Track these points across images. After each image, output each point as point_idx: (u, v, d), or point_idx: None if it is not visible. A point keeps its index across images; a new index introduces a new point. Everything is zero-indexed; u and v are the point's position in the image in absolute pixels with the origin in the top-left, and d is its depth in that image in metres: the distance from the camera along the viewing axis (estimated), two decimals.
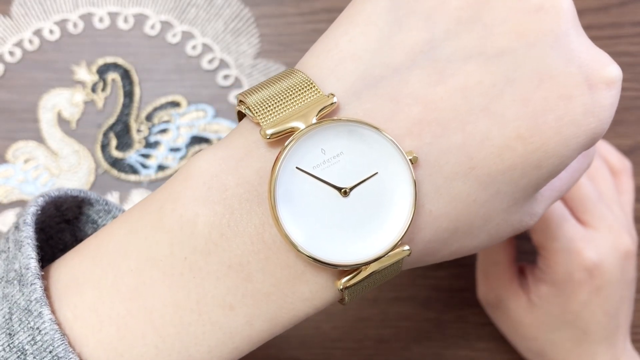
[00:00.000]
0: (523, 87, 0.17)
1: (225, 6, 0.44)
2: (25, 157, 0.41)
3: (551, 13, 0.18)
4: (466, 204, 0.18)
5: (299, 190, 0.17)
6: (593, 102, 0.18)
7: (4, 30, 0.43)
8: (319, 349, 0.40)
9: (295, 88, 0.17)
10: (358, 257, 0.17)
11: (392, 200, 0.17)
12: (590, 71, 0.18)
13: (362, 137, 0.17)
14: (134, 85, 0.42)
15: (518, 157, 0.17)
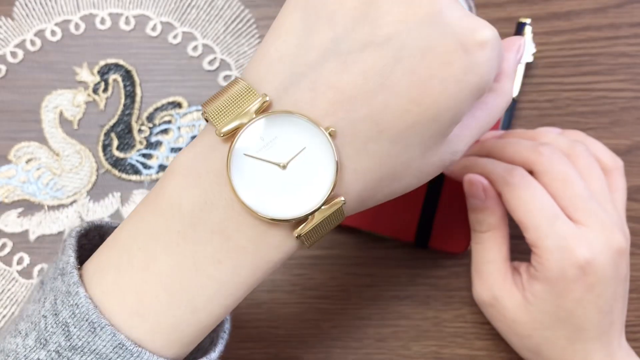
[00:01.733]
0: (410, 62, 0.22)
1: (225, 7, 0.44)
2: (27, 157, 0.42)
3: (422, 2, 0.22)
4: (383, 159, 0.23)
5: (250, 170, 0.22)
6: (470, 63, 0.22)
7: (6, 31, 0.43)
8: (318, 347, 0.40)
9: (238, 94, 0.22)
10: (301, 211, 0.22)
11: (321, 166, 0.22)
12: (463, 38, 0.22)
13: (291, 123, 0.22)
14: (136, 85, 0.43)
15: (415, 116, 0.22)
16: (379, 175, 0.23)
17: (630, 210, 0.42)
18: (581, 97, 0.43)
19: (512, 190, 0.32)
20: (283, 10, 0.24)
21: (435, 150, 0.24)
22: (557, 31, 0.44)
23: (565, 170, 0.32)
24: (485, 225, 0.34)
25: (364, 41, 0.22)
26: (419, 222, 0.39)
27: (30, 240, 0.41)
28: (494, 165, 0.33)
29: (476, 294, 0.35)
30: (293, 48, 0.23)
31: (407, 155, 0.23)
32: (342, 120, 0.22)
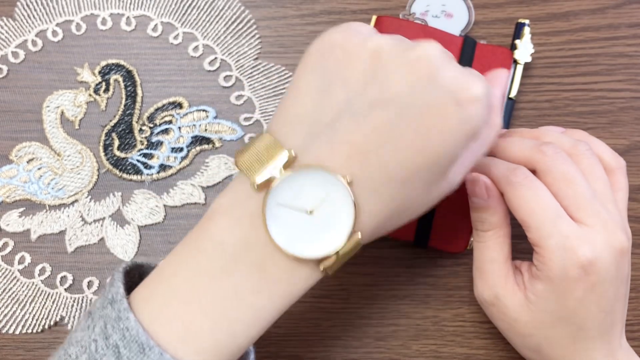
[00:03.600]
0: (412, 118, 0.25)
1: (226, 8, 0.44)
2: (28, 157, 0.42)
3: (424, 60, 0.26)
4: (393, 200, 0.26)
5: (281, 216, 0.25)
6: (464, 115, 0.26)
7: (8, 31, 0.43)
8: (318, 346, 0.40)
9: (267, 148, 0.26)
10: (327, 250, 0.26)
11: (342, 211, 0.25)
12: (457, 95, 0.26)
13: (314, 175, 0.25)
14: (137, 86, 0.43)
15: (419, 163, 0.26)
16: (390, 213, 0.26)
17: (631, 210, 0.42)
18: (580, 98, 0.43)
19: (514, 189, 0.32)
20: (301, 70, 0.28)
21: (437, 186, 0.27)
22: (555, 32, 0.44)
23: (568, 169, 0.32)
24: (488, 224, 0.34)
25: (372, 101, 0.25)
26: (419, 222, 0.39)
27: (32, 239, 0.41)
28: (496, 165, 0.33)
29: (477, 293, 0.35)
30: (311, 108, 0.26)
31: (413, 194, 0.27)
32: (357, 170, 0.25)
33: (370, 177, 0.25)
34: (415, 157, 0.25)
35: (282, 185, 0.25)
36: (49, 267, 0.41)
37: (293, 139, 0.26)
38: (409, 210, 0.28)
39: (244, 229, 0.26)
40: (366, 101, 0.25)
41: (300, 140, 0.26)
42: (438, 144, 0.26)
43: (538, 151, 0.32)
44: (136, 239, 0.41)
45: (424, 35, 0.41)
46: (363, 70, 0.26)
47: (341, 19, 0.44)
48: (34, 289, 0.41)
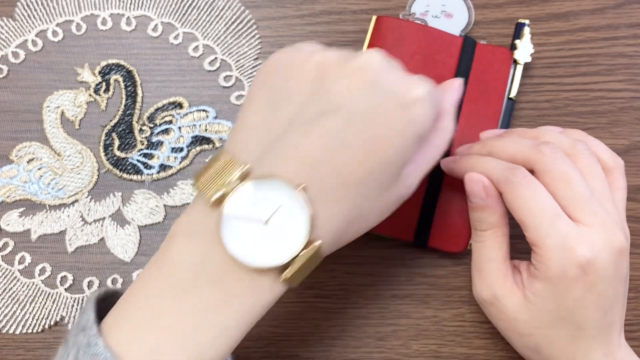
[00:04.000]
0: (359, 123, 0.26)
1: (226, 8, 0.44)
2: (28, 157, 0.42)
3: (365, 69, 0.27)
4: (349, 204, 0.27)
5: (238, 229, 0.26)
6: (408, 117, 0.27)
7: (8, 32, 0.43)
8: (318, 346, 0.40)
9: (223, 166, 0.26)
10: (283, 259, 0.25)
11: (297, 218, 0.26)
12: (400, 98, 0.27)
13: (268, 185, 0.26)
14: (137, 86, 0.43)
15: (370, 166, 0.26)
16: (348, 217, 0.27)
17: (630, 210, 0.42)
18: (580, 98, 0.43)
19: (513, 189, 0.32)
20: (251, 90, 0.29)
21: (392, 189, 0.28)
22: (555, 32, 0.44)
23: (567, 169, 0.32)
24: (486, 223, 0.34)
25: (318, 111, 0.26)
26: (418, 222, 0.39)
27: (32, 239, 0.41)
28: (495, 164, 0.33)
29: (476, 293, 0.35)
30: (262, 124, 0.28)
31: (369, 199, 0.27)
32: (310, 177, 0.26)
33: (323, 184, 0.26)
34: (365, 161, 0.26)
35: (236, 198, 0.26)
36: (49, 267, 0.41)
37: (247, 154, 0.27)
38: (369, 216, 0.28)
39: (201, 247, 0.26)
40: (312, 112, 0.26)
41: (254, 155, 0.27)
42: (386, 146, 0.27)
43: (536, 151, 0.32)
44: (136, 239, 0.41)
45: (424, 35, 0.41)
46: (307, 83, 0.27)
47: (341, 19, 0.44)
48: (34, 289, 0.41)
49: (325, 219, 0.26)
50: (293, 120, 0.27)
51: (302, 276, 0.26)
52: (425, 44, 0.40)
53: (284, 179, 0.26)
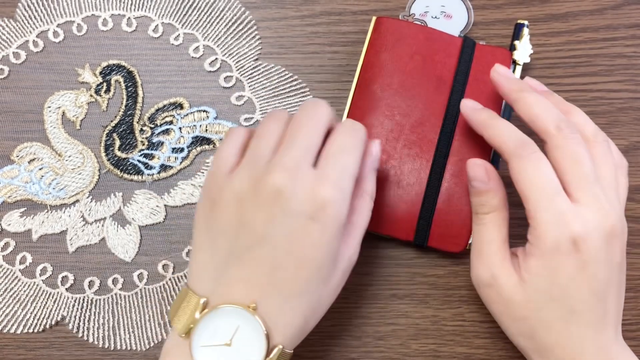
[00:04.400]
0: (284, 245, 0.30)
1: (226, 9, 0.44)
2: (30, 157, 0.42)
3: (273, 194, 0.30)
4: (298, 310, 0.31)
5: (207, 353, 0.30)
6: (323, 224, 0.30)
7: (9, 32, 0.44)
8: (318, 345, 0.40)
9: (187, 300, 0.31)
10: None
11: (255, 334, 0.30)
12: (309, 212, 0.30)
13: (224, 312, 0.30)
14: (137, 86, 0.43)
15: (304, 277, 0.31)
16: (303, 318, 0.31)
17: (630, 210, 0.42)
18: (579, 98, 0.43)
19: (520, 161, 0.33)
20: (195, 230, 0.33)
21: (333, 276, 0.32)
22: (554, 32, 0.44)
23: (578, 150, 0.33)
24: (488, 206, 0.35)
25: (248, 243, 0.30)
26: (418, 222, 0.39)
27: (33, 239, 0.41)
28: (509, 134, 0.34)
29: (475, 275, 0.35)
30: (208, 260, 0.32)
31: (315, 295, 0.31)
32: (258, 297, 0.30)
33: (270, 300, 0.30)
34: (298, 274, 0.30)
35: (200, 329, 0.30)
36: (50, 267, 0.41)
37: (202, 287, 0.32)
38: (320, 307, 0.32)
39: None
40: (243, 245, 0.31)
41: (208, 287, 0.31)
42: (312, 256, 0.30)
43: (556, 127, 0.33)
44: (137, 239, 0.41)
45: (424, 36, 0.41)
46: (232, 219, 0.31)
47: (341, 20, 0.44)
48: (35, 288, 0.41)
49: (281, 326, 0.30)
50: (229, 254, 0.31)
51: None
52: (424, 45, 0.41)
53: (236, 303, 0.30)
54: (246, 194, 0.31)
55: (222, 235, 0.31)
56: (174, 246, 0.41)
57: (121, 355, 0.40)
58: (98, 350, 0.40)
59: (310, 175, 0.31)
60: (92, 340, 0.40)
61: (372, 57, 0.41)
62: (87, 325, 0.40)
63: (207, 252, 0.32)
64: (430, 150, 0.40)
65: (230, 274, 0.31)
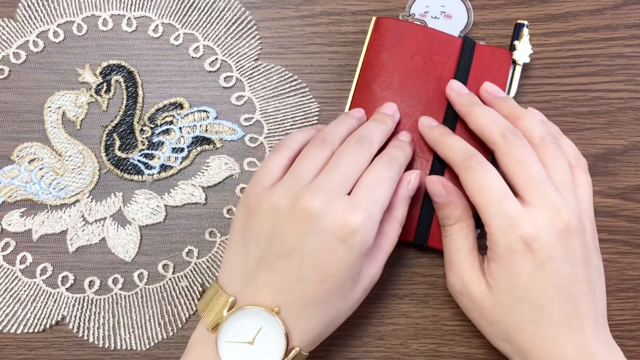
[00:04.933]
0: (310, 260, 0.32)
1: (226, 9, 0.44)
2: (30, 157, 0.42)
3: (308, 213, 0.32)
4: (315, 320, 0.33)
5: (231, 349, 0.32)
6: (349, 246, 0.32)
7: (9, 32, 0.44)
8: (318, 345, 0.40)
9: (216, 296, 0.34)
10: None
11: (275, 335, 0.32)
12: (339, 235, 0.32)
13: (250, 312, 0.33)
14: (137, 86, 0.43)
15: (325, 291, 0.33)
16: (320, 327, 0.34)
17: (629, 210, 0.42)
18: (578, 98, 0.44)
19: (468, 172, 0.35)
20: (231, 233, 0.36)
21: (353, 293, 0.34)
22: (554, 32, 0.44)
23: (522, 154, 0.34)
24: (452, 218, 0.37)
25: (279, 253, 0.33)
26: (418, 222, 0.39)
27: (33, 239, 0.41)
28: (457, 148, 0.36)
29: (449, 285, 0.37)
30: (241, 263, 0.34)
31: (333, 308, 0.34)
32: (281, 303, 0.33)
33: (291, 307, 0.33)
34: (320, 288, 0.33)
35: (226, 326, 0.33)
36: (50, 267, 0.41)
37: (231, 287, 0.34)
38: (338, 318, 0.35)
39: (208, 357, 0.33)
40: (274, 254, 0.33)
41: (237, 288, 0.34)
42: (336, 272, 0.33)
43: (501, 135, 0.35)
44: (137, 239, 0.41)
45: (424, 36, 0.41)
46: (267, 229, 0.33)
47: (341, 20, 0.44)
48: (35, 288, 0.41)
49: (299, 331, 0.33)
50: (260, 260, 0.33)
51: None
52: (424, 45, 0.41)
53: (261, 306, 0.32)
54: (283, 208, 0.33)
55: (256, 243, 0.34)
56: (174, 246, 0.42)
57: (121, 355, 0.40)
58: (98, 350, 0.40)
59: (345, 202, 0.33)
60: (92, 340, 0.40)
61: (372, 57, 0.41)
62: (88, 325, 0.40)
63: (240, 255, 0.35)
64: (430, 150, 0.40)
65: (259, 279, 0.33)
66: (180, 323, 0.41)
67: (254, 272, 0.34)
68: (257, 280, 0.33)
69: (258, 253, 0.34)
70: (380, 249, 0.36)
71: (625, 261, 0.42)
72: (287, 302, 0.33)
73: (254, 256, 0.34)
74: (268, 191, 0.34)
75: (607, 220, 0.42)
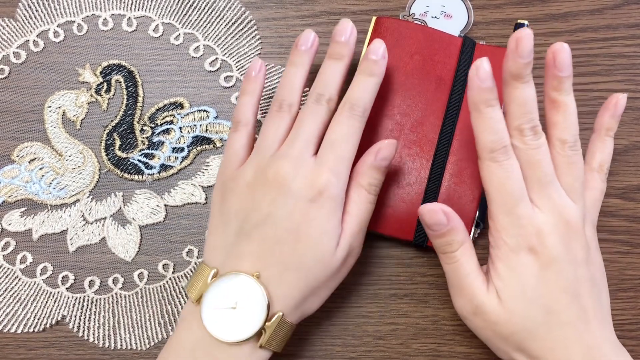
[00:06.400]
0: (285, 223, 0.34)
1: (226, 9, 0.44)
2: (30, 157, 0.42)
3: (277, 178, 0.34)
4: (296, 283, 0.34)
5: (216, 316, 0.33)
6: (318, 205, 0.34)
7: (9, 32, 0.44)
8: (318, 345, 0.40)
9: (200, 272, 0.35)
10: (251, 331, 0.33)
11: (257, 298, 0.33)
12: (307, 195, 0.34)
13: (231, 279, 0.34)
14: (138, 86, 0.43)
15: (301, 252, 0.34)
16: (300, 292, 0.34)
17: (629, 210, 0.42)
18: (579, 98, 0.43)
19: (492, 165, 0.34)
20: (210, 216, 0.37)
21: (332, 259, 0.35)
22: (554, 32, 0.44)
23: (536, 156, 0.34)
24: (455, 243, 0.35)
25: (256, 222, 0.34)
26: (418, 222, 0.39)
27: (34, 239, 0.41)
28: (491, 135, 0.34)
29: (459, 308, 0.35)
30: (221, 238, 0.36)
31: (312, 273, 0.34)
32: (261, 268, 0.34)
33: (271, 271, 0.34)
34: (297, 248, 0.34)
35: (209, 294, 0.34)
36: (50, 267, 0.41)
37: (214, 261, 0.35)
38: (318, 286, 0.35)
39: (194, 331, 0.34)
40: (251, 224, 0.34)
41: (219, 261, 0.35)
42: (309, 232, 0.34)
43: (521, 134, 0.34)
44: (137, 239, 0.41)
45: (424, 36, 0.41)
46: (243, 203, 0.35)
47: None
48: (35, 288, 0.41)
49: (280, 295, 0.34)
50: (239, 232, 0.35)
51: (278, 341, 0.34)
52: (424, 45, 0.41)
53: (242, 271, 0.34)
54: (255, 180, 0.35)
55: (234, 217, 0.35)
56: (174, 246, 0.42)
57: (121, 354, 0.40)
58: (98, 350, 0.40)
59: (310, 165, 0.35)
60: (92, 340, 0.40)
61: None
62: (88, 324, 0.40)
63: (220, 231, 0.36)
64: (430, 150, 0.40)
65: (239, 249, 0.34)
66: None
67: (233, 244, 0.35)
68: (238, 250, 0.34)
69: (237, 226, 0.35)
70: (351, 215, 0.36)
71: (625, 261, 0.42)
72: (267, 266, 0.34)
73: (233, 230, 0.35)
74: (239, 169, 0.37)
75: (607, 220, 0.42)
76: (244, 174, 0.36)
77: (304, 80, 0.38)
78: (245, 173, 0.36)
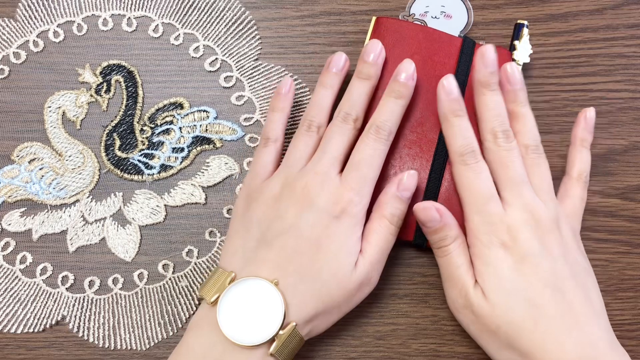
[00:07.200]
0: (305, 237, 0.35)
1: (226, 9, 0.44)
2: (30, 157, 0.42)
3: (305, 191, 0.36)
4: (310, 295, 0.35)
5: (232, 320, 0.33)
6: (339, 220, 0.35)
7: (9, 32, 0.44)
8: (318, 345, 0.40)
9: (217, 276, 0.35)
10: (265, 336, 0.33)
11: (274, 305, 0.33)
12: (332, 212, 0.35)
13: (250, 284, 0.34)
14: (138, 86, 0.43)
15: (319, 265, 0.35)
16: (313, 305, 0.35)
17: (629, 210, 0.42)
18: (578, 98, 0.44)
19: (462, 168, 0.37)
20: (232, 218, 0.38)
21: (348, 280, 0.35)
22: (554, 32, 0.44)
23: (507, 157, 0.37)
24: (450, 238, 0.37)
25: (278, 231, 0.35)
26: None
27: (33, 239, 0.41)
28: (460, 140, 0.37)
29: (451, 301, 0.37)
30: (241, 244, 0.36)
31: (325, 288, 0.35)
32: (279, 276, 0.34)
33: (289, 280, 0.34)
34: (315, 261, 0.35)
35: (226, 297, 0.34)
36: (50, 267, 0.41)
37: (233, 266, 0.36)
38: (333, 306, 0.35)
39: (206, 334, 0.34)
40: (273, 233, 0.35)
41: (238, 266, 0.35)
42: (329, 246, 0.35)
43: (494, 135, 0.37)
44: (137, 239, 0.41)
45: (424, 36, 0.41)
46: (268, 213, 0.36)
47: (341, 20, 0.44)
48: (35, 288, 0.41)
49: (295, 305, 0.34)
50: (260, 239, 0.35)
51: (288, 353, 0.34)
52: (424, 45, 0.41)
53: (261, 277, 0.34)
54: (282, 193, 0.36)
55: (257, 225, 0.36)
56: (174, 246, 0.42)
57: (121, 354, 0.40)
58: (98, 350, 0.40)
59: (336, 182, 0.36)
60: (92, 340, 0.40)
61: None
62: (88, 324, 0.40)
63: (241, 238, 0.37)
64: (430, 150, 0.40)
65: (258, 256, 0.35)
66: (180, 323, 0.41)
67: (253, 250, 0.35)
68: (257, 256, 0.35)
69: (258, 233, 0.36)
70: (371, 244, 0.36)
71: (625, 261, 0.42)
72: (285, 275, 0.34)
73: (254, 237, 0.36)
74: (266, 182, 0.38)
75: (607, 220, 0.42)
76: (270, 186, 0.37)
77: (332, 101, 0.39)
78: (273, 185, 0.37)
